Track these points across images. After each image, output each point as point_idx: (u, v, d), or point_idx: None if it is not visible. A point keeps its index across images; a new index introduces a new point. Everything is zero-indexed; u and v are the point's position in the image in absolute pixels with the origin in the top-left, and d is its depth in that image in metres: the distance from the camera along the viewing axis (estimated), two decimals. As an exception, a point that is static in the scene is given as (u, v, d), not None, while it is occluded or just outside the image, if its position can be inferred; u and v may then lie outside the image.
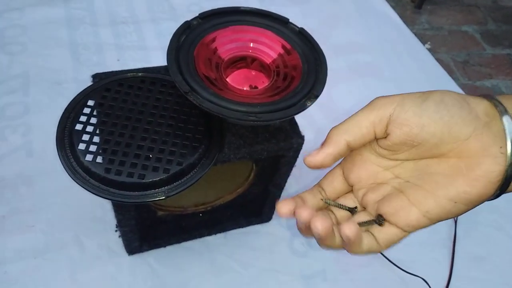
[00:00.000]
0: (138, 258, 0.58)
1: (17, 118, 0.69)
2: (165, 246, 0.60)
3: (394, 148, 0.30)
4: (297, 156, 0.50)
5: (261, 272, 0.60)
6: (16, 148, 0.66)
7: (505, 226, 0.70)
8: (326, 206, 0.35)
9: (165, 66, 0.46)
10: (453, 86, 0.91)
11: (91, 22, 0.87)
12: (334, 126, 0.32)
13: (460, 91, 0.92)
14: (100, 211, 0.61)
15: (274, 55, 0.47)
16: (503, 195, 0.68)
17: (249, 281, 0.59)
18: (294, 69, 0.45)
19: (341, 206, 0.34)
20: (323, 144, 0.31)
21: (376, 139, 0.31)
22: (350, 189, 0.34)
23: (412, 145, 0.29)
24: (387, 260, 0.62)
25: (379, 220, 0.31)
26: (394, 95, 0.30)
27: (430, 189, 0.29)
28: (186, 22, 0.46)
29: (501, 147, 0.26)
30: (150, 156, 0.41)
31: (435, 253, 0.65)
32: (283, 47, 0.47)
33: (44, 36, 0.82)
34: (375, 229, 0.31)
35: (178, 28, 0.45)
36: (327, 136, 0.32)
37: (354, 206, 0.34)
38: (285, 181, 0.56)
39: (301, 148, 0.49)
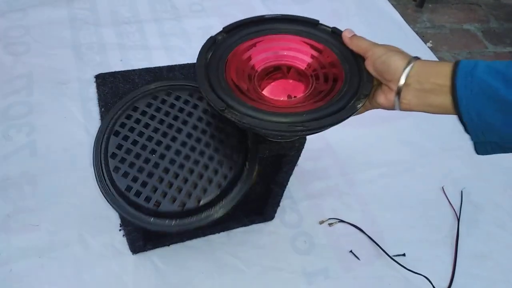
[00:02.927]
0: (142, 256, 0.59)
1: (21, 117, 0.70)
2: (168, 245, 0.60)
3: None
4: (299, 155, 0.51)
5: (264, 270, 0.60)
6: (20, 147, 0.66)
7: (507, 224, 0.70)
8: None
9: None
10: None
11: (94, 22, 0.87)
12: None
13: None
14: (104, 210, 0.61)
15: (308, 59, 0.45)
16: (505, 193, 0.67)
17: (252, 279, 0.59)
18: (333, 67, 0.43)
19: None
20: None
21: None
22: None
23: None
24: (390, 259, 0.62)
25: None
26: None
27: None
28: (211, 38, 0.44)
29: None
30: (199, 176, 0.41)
31: (438, 251, 0.65)
32: (314, 47, 0.45)
33: (48, 37, 0.82)
34: None
35: (204, 44, 0.43)
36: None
37: None
38: (287, 180, 0.56)
39: (303, 148, 0.49)
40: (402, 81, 0.37)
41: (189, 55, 0.84)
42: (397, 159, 0.76)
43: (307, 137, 0.48)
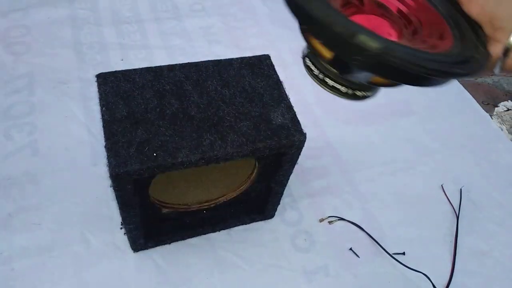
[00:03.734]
0: (143, 255, 0.59)
1: (23, 117, 0.70)
2: (169, 243, 0.60)
3: None
4: (299, 154, 0.51)
5: (264, 268, 0.60)
6: (21, 147, 0.66)
7: (507, 222, 0.70)
8: None
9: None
10: (454, 82, 0.92)
11: (95, 22, 0.87)
12: None
13: (461, 87, 0.92)
14: (106, 208, 0.62)
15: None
16: (504, 190, 0.67)
17: (253, 277, 0.59)
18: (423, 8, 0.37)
19: None
20: None
21: None
22: None
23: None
24: (389, 256, 0.63)
25: None
26: None
27: None
28: None
29: None
30: None
31: (437, 249, 0.66)
32: None
33: (49, 36, 0.83)
34: None
35: None
36: None
37: None
38: (288, 179, 0.56)
39: (303, 146, 0.50)
40: None
41: (190, 54, 0.85)
42: (398, 157, 0.77)
43: (307, 135, 0.48)
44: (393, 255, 0.63)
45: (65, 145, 0.68)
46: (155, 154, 0.42)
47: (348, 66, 0.35)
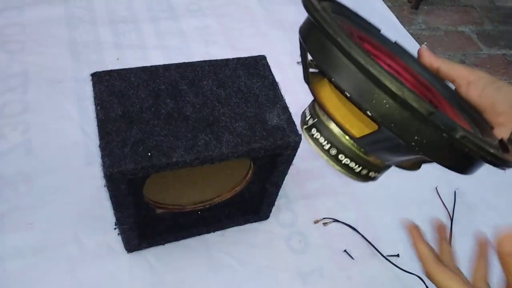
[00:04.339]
0: (137, 255, 0.59)
1: (16, 116, 0.69)
2: (163, 244, 0.60)
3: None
4: (295, 154, 0.51)
5: (259, 269, 0.60)
6: (15, 146, 0.66)
7: (501, 224, 0.71)
8: None
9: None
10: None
11: (91, 21, 0.87)
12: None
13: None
14: (99, 209, 0.61)
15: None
16: (498, 193, 0.67)
17: (247, 278, 0.59)
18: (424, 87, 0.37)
19: None
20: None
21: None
22: None
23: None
24: (383, 258, 0.63)
25: None
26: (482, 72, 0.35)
27: None
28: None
29: None
30: None
31: (431, 251, 0.66)
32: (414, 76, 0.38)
33: (44, 35, 0.82)
34: None
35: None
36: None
37: None
38: (283, 180, 0.56)
39: (299, 147, 0.50)
40: None
41: (185, 54, 0.85)
42: (392, 159, 0.77)
43: (302, 136, 0.48)
44: (387, 257, 0.63)
45: (59, 144, 0.67)
46: (149, 154, 0.42)
47: (385, 148, 0.32)
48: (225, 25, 0.93)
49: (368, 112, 0.29)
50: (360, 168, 0.36)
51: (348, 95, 0.29)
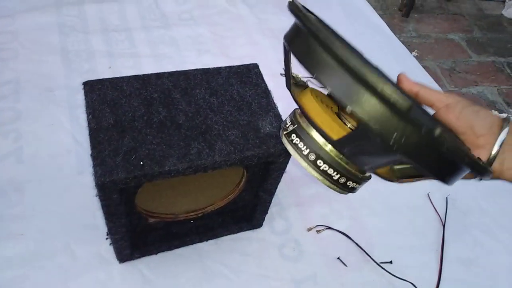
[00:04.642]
0: (129, 265, 0.58)
1: (8, 124, 0.69)
2: (156, 253, 0.60)
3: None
4: (288, 162, 0.51)
5: (252, 277, 0.60)
6: (6, 154, 0.65)
7: (493, 230, 0.71)
8: None
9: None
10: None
11: (83, 29, 0.87)
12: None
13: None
14: (91, 218, 0.61)
15: None
16: (490, 198, 0.68)
17: (241, 286, 0.59)
18: None
19: None
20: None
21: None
22: None
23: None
24: (376, 265, 0.63)
25: None
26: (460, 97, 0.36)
27: None
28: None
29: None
30: None
31: (424, 257, 0.66)
32: None
33: (36, 43, 0.82)
34: None
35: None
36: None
37: None
38: (276, 187, 0.56)
39: (291, 155, 0.50)
40: (503, 136, 0.32)
41: (178, 63, 0.85)
42: (384, 166, 0.77)
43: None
44: (380, 264, 0.63)
45: (51, 153, 0.67)
46: (141, 163, 0.42)
47: (364, 149, 0.32)
48: (218, 33, 0.93)
49: (348, 108, 0.28)
50: (338, 175, 0.36)
51: (329, 89, 0.29)
